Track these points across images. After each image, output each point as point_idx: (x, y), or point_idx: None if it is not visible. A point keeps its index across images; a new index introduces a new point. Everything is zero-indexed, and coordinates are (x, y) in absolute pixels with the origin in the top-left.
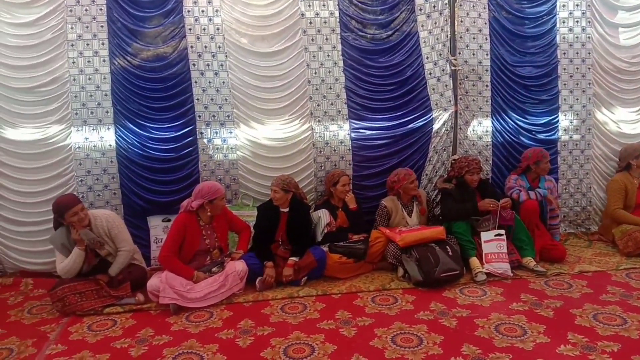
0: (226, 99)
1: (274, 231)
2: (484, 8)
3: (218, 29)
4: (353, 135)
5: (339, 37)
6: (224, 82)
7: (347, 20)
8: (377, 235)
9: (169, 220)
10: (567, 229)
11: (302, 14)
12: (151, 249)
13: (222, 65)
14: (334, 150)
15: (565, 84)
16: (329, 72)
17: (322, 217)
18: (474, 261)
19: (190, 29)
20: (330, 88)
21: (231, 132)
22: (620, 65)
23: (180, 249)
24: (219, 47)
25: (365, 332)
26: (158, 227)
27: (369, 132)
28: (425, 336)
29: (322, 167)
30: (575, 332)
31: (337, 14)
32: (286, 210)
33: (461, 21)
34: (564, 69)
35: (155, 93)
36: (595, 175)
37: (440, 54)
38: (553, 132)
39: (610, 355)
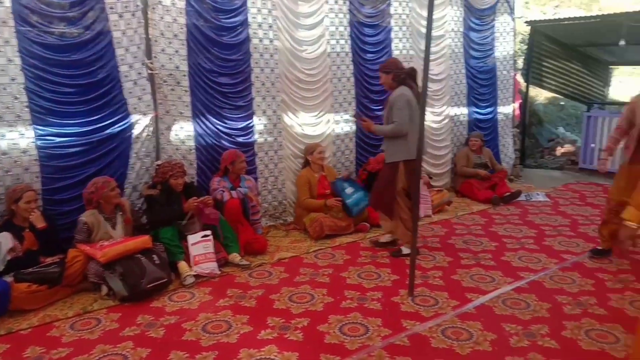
0: None
1: None
2: (180, 14)
3: None
4: (39, 143)
5: (14, 31)
6: None
7: (26, 13)
8: (75, 254)
9: None
10: (268, 222)
11: None
12: None
13: None
14: (15, 162)
15: (258, 91)
16: (2, 70)
17: (3, 242)
18: (183, 265)
19: None
20: (5, 89)
21: None
22: (301, 76)
23: None
24: None
25: None
26: None
27: (59, 139)
28: (130, 353)
29: (1, 183)
30: (273, 316)
31: (8, 3)
32: None
33: (155, 25)
34: (257, 77)
35: None
36: (288, 172)
37: (135, 57)
38: (250, 135)
39: (301, 330)
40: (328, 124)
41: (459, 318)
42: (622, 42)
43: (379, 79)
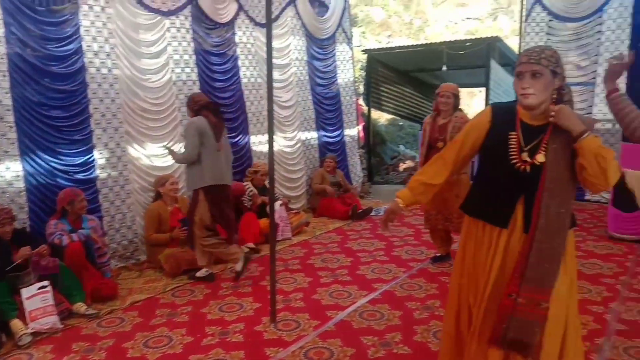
0: None
1: None
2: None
3: None
4: None
5: None
6: None
7: None
8: None
9: None
10: (118, 263)
11: None
12: None
13: None
14: None
15: (98, 123)
16: None
17: None
18: (16, 323)
19: None
20: None
21: None
22: (145, 106)
23: None
24: None
25: None
26: None
27: None
28: None
29: None
30: None
31: None
32: None
33: None
34: (96, 108)
35: None
36: (138, 207)
37: None
38: (90, 171)
39: None
40: None
41: (320, 338)
42: (444, 68)
43: (230, 106)
